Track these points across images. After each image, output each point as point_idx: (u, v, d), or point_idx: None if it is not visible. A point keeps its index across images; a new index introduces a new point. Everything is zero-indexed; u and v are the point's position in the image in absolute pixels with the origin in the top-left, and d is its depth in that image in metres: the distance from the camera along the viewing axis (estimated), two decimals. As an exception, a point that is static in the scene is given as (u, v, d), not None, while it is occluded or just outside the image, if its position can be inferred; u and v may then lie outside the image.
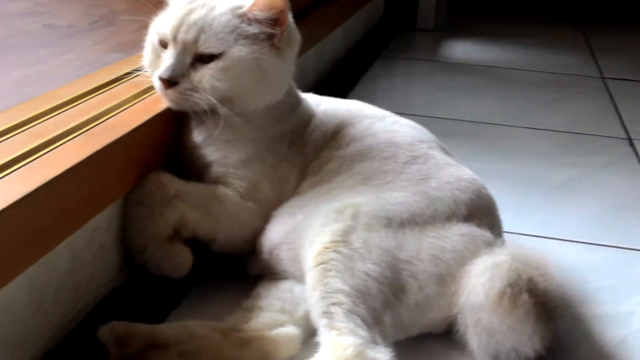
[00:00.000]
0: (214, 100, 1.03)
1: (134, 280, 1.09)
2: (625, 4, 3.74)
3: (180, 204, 1.04)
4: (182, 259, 1.05)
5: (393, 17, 3.11)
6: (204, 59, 1.04)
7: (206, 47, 1.03)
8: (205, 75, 1.03)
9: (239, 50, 1.03)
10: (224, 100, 1.04)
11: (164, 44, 1.07)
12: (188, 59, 1.04)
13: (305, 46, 1.84)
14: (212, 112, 1.04)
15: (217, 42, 1.03)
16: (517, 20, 3.46)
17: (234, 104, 1.05)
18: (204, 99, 1.03)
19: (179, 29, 1.04)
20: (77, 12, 1.78)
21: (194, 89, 1.03)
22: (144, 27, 1.16)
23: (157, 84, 1.05)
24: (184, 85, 1.03)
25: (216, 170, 1.10)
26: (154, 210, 1.03)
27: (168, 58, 1.04)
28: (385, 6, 3.13)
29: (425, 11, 3.07)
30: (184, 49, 1.04)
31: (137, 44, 1.19)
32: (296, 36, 1.14)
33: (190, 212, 1.05)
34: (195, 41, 1.03)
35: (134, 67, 1.21)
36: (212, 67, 1.03)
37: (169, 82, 1.03)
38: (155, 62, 1.08)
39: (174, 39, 1.04)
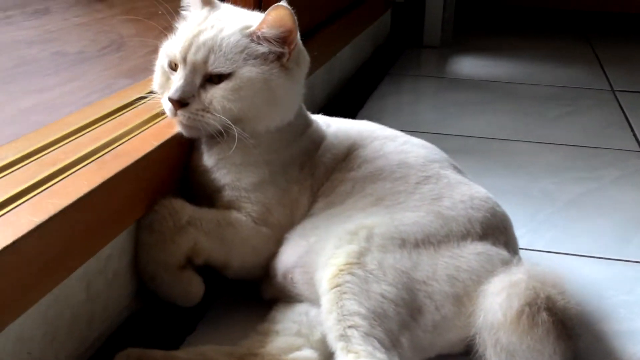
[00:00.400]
0: (227, 120, 1.02)
1: (149, 306, 1.08)
2: (630, 16, 3.74)
3: (193, 231, 1.03)
4: (193, 288, 1.05)
5: (400, 35, 3.12)
6: (213, 79, 1.04)
7: (216, 67, 1.03)
8: (215, 96, 1.03)
9: (249, 71, 1.03)
10: (234, 120, 1.03)
11: (173, 66, 1.07)
12: (198, 80, 1.04)
13: (314, 65, 1.85)
14: (224, 133, 1.04)
15: (227, 62, 1.03)
16: (523, 34, 3.45)
17: (244, 124, 1.05)
18: (217, 119, 1.02)
19: (188, 50, 1.04)
20: (86, 39, 1.80)
21: (206, 110, 1.03)
22: (153, 51, 1.16)
23: (167, 106, 1.05)
24: (195, 106, 1.03)
25: (229, 194, 1.09)
26: (166, 237, 1.02)
27: (177, 79, 1.04)
28: (391, 24, 3.14)
29: (431, 28, 3.07)
30: (193, 70, 1.04)
31: (146, 69, 1.19)
32: (305, 57, 1.14)
33: (203, 239, 1.04)
34: (205, 61, 1.03)
35: (144, 93, 1.21)
36: (223, 87, 1.03)
37: (180, 103, 1.03)
38: (165, 85, 1.08)
39: (184, 60, 1.04)
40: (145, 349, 0.95)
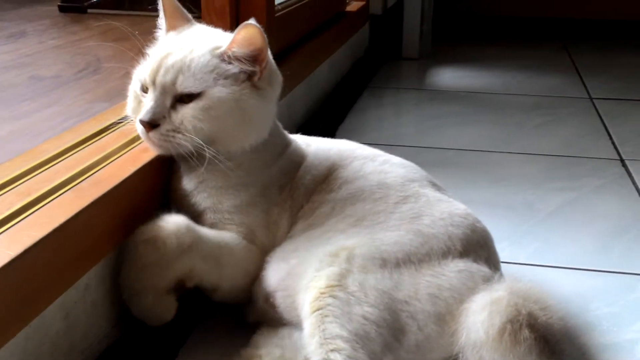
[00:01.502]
0: (198, 140, 1.02)
1: (129, 334, 1.07)
2: (607, 22, 3.77)
3: (195, 255, 1.01)
4: (169, 312, 1.03)
5: (378, 48, 3.13)
6: (183, 99, 1.04)
7: (185, 87, 1.03)
8: (186, 116, 1.03)
9: (219, 91, 1.04)
10: (207, 141, 1.03)
11: (145, 90, 1.07)
12: (168, 101, 1.04)
13: (292, 83, 1.86)
14: (199, 154, 1.04)
15: (196, 82, 1.03)
16: (501, 44, 3.48)
17: (217, 145, 1.05)
18: (187, 139, 1.02)
19: (157, 72, 1.04)
20: (62, 62, 1.79)
21: (177, 130, 1.03)
22: (130, 73, 1.16)
23: (139, 128, 1.05)
24: (165, 127, 1.03)
25: (211, 217, 1.09)
26: (166, 260, 0.99)
27: (148, 101, 1.05)
28: (370, 37, 3.15)
29: (409, 40, 3.08)
30: (163, 92, 1.04)
31: (123, 91, 1.19)
32: (277, 76, 1.14)
33: (200, 264, 1.02)
34: (174, 82, 1.03)
35: (120, 117, 1.21)
36: (193, 107, 1.03)
37: (151, 125, 1.03)
38: (137, 109, 1.08)
39: (153, 82, 1.05)
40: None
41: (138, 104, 1.08)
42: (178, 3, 1.15)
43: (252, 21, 1.03)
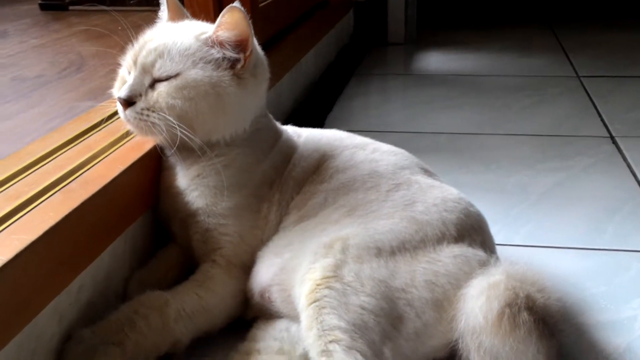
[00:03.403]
0: (172, 119, 1.01)
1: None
2: (591, 0, 3.76)
3: (181, 326, 0.99)
4: None
5: (364, 34, 3.11)
6: (162, 80, 1.04)
7: (163, 71, 1.04)
8: (161, 94, 1.03)
9: (195, 73, 1.03)
10: (182, 122, 1.02)
11: (129, 72, 1.07)
12: (147, 81, 1.04)
13: (280, 72, 1.85)
14: (182, 145, 1.04)
15: (173, 65, 1.04)
16: (486, 26, 3.47)
17: (194, 130, 1.04)
18: (161, 118, 1.02)
19: (139, 53, 1.05)
20: (44, 61, 1.77)
21: (151, 109, 1.02)
22: (113, 71, 1.14)
23: (118, 107, 1.06)
24: (140, 104, 1.03)
25: (204, 220, 1.08)
26: (151, 340, 0.97)
27: (128, 80, 1.05)
28: (355, 23, 3.13)
29: (395, 25, 3.07)
30: (142, 71, 1.05)
31: (107, 89, 1.17)
32: (264, 70, 1.13)
33: (187, 328, 1.00)
34: (153, 65, 1.04)
35: (107, 114, 1.19)
36: (167, 84, 1.03)
37: (127, 102, 1.03)
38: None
39: (134, 63, 1.05)
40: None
41: (122, 85, 1.08)
42: (178, 1, 1.17)
43: (236, 4, 1.03)
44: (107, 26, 2.20)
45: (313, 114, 2.09)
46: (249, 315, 1.07)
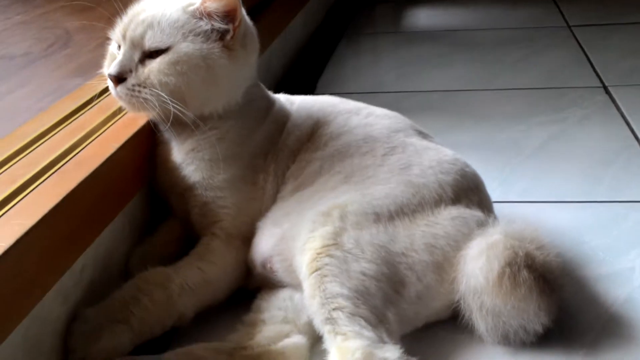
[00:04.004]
0: (164, 95, 1.01)
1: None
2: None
3: (185, 299, 1.00)
4: None
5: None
6: (152, 55, 1.03)
7: (152, 42, 1.03)
8: (152, 70, 1.02)
9: (186, 47, 1.02)
10: (175, 98, 1.02)
11: (119, 48, 1.06)
12: (137, 56, 1.03)
13: (268, 39, 1.83)
14: (175, 120, 1.03)
15: (164, 37, 1.03)
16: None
17: (187, 105, 1.03)
18: (154, 94, 1.01)
19: (128, 27, 1.04)
20: (30, 38, 1.74)
21: (142, 85, 1.02)
22: (101, 43, 1.14)
23: (109, 84, 1.05)
24: (131, 81, 1.02)
25: (202, 194, 1.08)
26: (155, 317, 0.98)
27: (118, 56, 1.04)
28: (341, -17, 3.10)
29: (382, -18, 3.04)
30: (132, 46, 1.04)
31: (96, 64, 1.16)
32: (253, 40, 1.12)
33: (192, 300, 1.01)
34: (142, 37, 1.03)
35: (97, 91, 1.18)
36: (159, 61, 1.02)
37: (117, 79, 1.03)
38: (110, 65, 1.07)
39: (123, 37, 1.04)
40: (133, 355, 0.94)
41: (112, 61, 1.07)
42: None
43: None
44: (92, -1, 2.17)
45: (304, 78, 2.08)
46: (252, 285, 1.08)
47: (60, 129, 1.12)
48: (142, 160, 1.11)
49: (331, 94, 1.92)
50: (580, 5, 2.75)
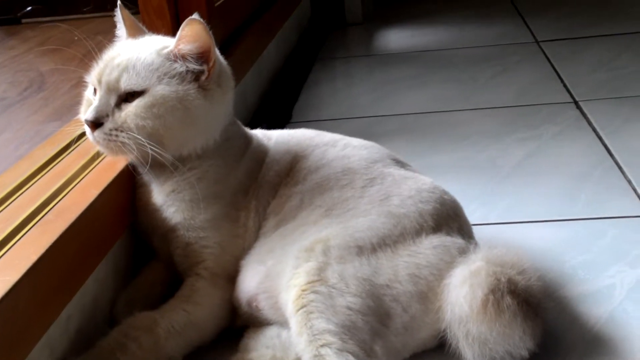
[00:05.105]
0: (141, 138, 1.01)
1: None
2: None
3: (172, 343, 1.00)
4: None
5: (322, 16, 3.10)
6: (128, 98, 1.04)
7: (128, 85, 1.03)
8: (129, 114, 1.02)
9: (162, 89, 1.03)
10: (153, 141, 1.02)
11: (95, 92, 1.07)
12: (113, 100, 1.04)
13: (242, 70, 1.84)
14: (154, 162, 1.03)
15: (139, 80, 1.04)
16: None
17: (166, 147, 1.04)
18: (131, 137, 1.02)
19: (103, 72, 1.05)
20: (5, 82, 1.75)
21: (119, 129, 1.02)
22: (76, 84, 1.14)
23: (86, 129, 1.05)
24: (108, 125, 1.03)
25: (185, 235, 1.09)
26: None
27: (94, 101, 1.05)
28: (312, 6, 3.12)
29: (352, 5, 3.07)
30: (108, 90, 1.04)
31: (71, 107, 1.17)
32: (228, 79, 1.13)
33: (178, 343, 1.01)
34: (118, 80, 1.04)
35: (74, 136, 1.19)
36: (135, 104, 1.03)
37: (94, 124, 1.03)
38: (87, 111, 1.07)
39: (99, 82, 1.05)
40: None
41: (88, 106, 1.07)
42: (133, 17, 1.16)
43: (195, 16, 1.03)
44: (64, 36, 2.17)
45: (279, 106, 2.09)
46: (238, 323, 1.08)
47: (40, 177, 1.12)
48: (123, 204, 1.11)
49: (307, 121, 1.97)
50: (547, 19, 2.79)
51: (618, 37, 2.46)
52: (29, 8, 2.81)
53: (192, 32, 1.04)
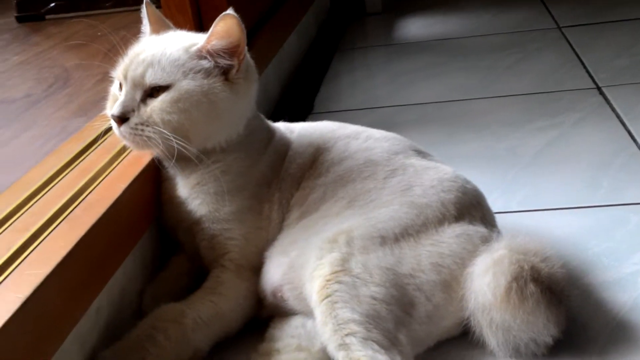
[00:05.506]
0: (167, 132, 1.03)
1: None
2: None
3: (199, 335, 1.02)
4: None
5: (341, 6, 3.10)
6: (153, 93, 1.05)
7: (153, 80, 1.05)
8: (154, 109, 1.04)
9: (187, 84, 1.05)
10: (179, 135, 1.04)
11: (120, 88, 1.09)
12: (138, 95, 1.06)
13: (263, 63, 1.85)
14: (179, 156, 1.05)
15: (164, 75, 1.05)
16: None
17: (191, 140, 1.06)
18: (157, 132, 1.03)
19: (129, 67, 1.07)
20: (30, 79, 1.77)
21: (145, 123, 1.04)
22: (100, 80, 1.16)
23: (113, 124, 1.07)
24: (134, 120, 1.05)
25: (210, 227, 1.11)
26: (171, 352, 0.99)
27: (120, 97, 1.06)
28: (331, -2, 3.12)
29: (371, -6, 3.06)
30: (133, 86, 1.06)
31: (96, 102, 1.19)
32: (253, 72, 1.15)
33: (205, 336, 1.03)
34: (143, 76, 1.05)
35: (100, 131, 1.20)
36: (161, 99, 1.04)
37: (120, 119, 1.05)
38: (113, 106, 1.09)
39: (125, 77, 1.07)
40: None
41: (114, 101, 1.09)
42: (159, 12, 1.18)
43: (230, 11, 1.04)
44: (87, 32, 2.20)
45: (301, 98, 2.10)
46: (264, 314, 1.10)
47: (67, 173, 1.14)
48: (149, 198, 1.13)
49: (328, 111, 1.98)
50: (569, 4, 2.76)
51: (641, 22, 2.44)
52: (52, 4, 2.84)
53: (226, 27, 1.05)
